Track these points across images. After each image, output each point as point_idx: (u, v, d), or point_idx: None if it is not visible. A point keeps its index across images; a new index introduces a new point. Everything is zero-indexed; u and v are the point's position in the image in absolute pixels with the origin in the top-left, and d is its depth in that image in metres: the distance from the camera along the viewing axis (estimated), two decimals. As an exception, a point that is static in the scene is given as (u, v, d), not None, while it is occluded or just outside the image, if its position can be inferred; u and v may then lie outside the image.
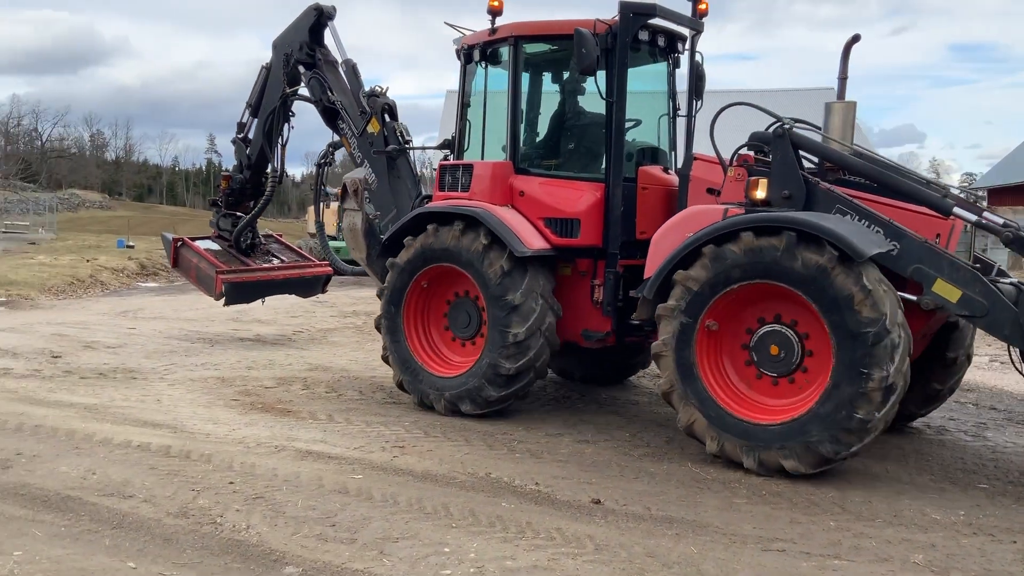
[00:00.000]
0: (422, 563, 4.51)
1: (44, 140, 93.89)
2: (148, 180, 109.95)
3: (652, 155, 8.37)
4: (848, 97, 7.35)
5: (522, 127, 8.26)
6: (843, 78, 7.46)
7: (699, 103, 8.46)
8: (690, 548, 4.84)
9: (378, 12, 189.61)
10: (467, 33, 8.56)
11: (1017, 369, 6.68)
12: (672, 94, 8.56)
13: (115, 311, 16.09)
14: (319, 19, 10.16)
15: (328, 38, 10.30)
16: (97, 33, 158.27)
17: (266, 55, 11.00)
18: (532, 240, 7.64)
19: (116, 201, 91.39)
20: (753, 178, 6.94)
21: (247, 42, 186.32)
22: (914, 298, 6.24)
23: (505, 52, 8.12)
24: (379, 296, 8.43)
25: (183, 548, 4.62)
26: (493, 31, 8.15)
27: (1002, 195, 37.82)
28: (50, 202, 60.91)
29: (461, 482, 5.94)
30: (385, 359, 8.43)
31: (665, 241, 6.93)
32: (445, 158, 8.79)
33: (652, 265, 6.95)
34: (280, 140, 11.21)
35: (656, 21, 7.86)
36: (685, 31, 8.31)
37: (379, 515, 5.19)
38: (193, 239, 12.30)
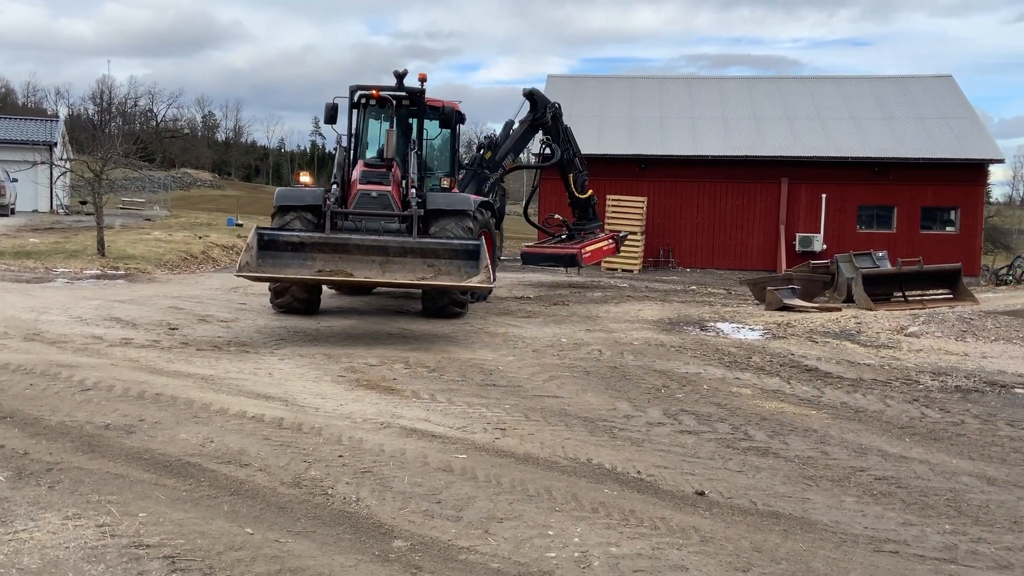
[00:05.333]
0: (526, 544, 4.55)
1: (159, 121, 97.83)
2: (256, 161, 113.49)
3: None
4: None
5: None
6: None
7: (432, 134, 14.86)
8: (799, 545, 4.75)
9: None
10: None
11: None
12: (416, 132, 14.48)
13: (226, 287, 16.69)
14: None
15: None
16: (212, 17, 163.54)
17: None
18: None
19: (225, 180, 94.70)
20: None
21: (353, 28, 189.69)
22: None
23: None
24: None
25: (297, 517, 4.78)
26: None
27: None
28: (164, 180, 63.52)
29: (563, 467, 5.96)
30: None
31: None
32: None
33: None
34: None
35: (366, 92, 14.17)
36: (400, 93, 14.19)
37: (483, 495, 5.25)
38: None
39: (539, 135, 19.38)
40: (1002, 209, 68.75)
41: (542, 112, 18.86)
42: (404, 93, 14.30)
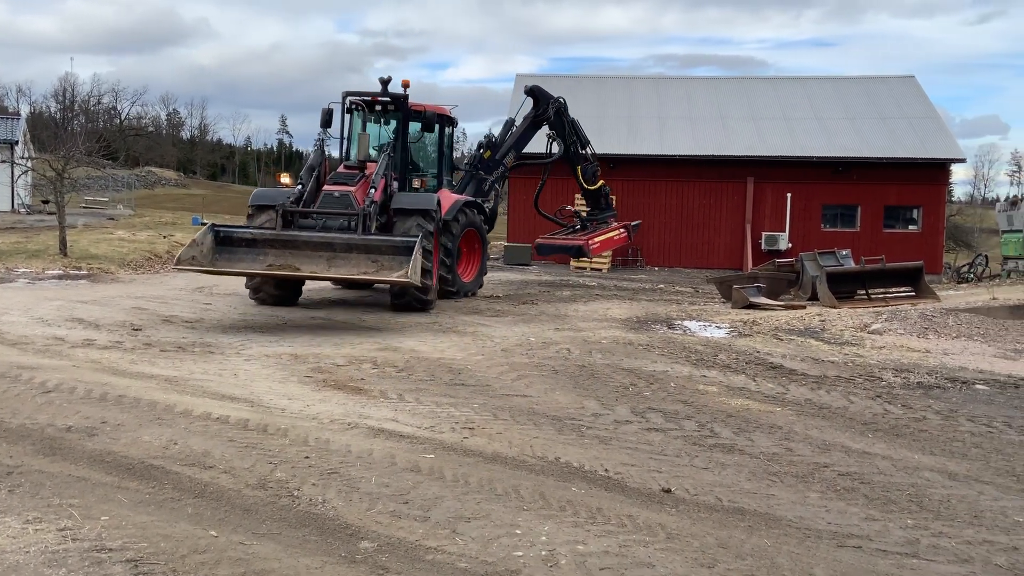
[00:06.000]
0: (494, 544, 4.55)
1: (123, 119, 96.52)
2: (221, 159, 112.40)
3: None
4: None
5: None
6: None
7: (414, 137, 15.99)
8: (763, 541, 4.80)
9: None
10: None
11: None
12: (399, 134, 15.38)
13: (191, 287, 16.52)
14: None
15: None
16: (178, 15, 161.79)
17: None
18: None
19: (190, 179, 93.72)
20: None
21: (322, 25, 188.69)
22: None
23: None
24: None
25: (262, 519, 4.74)
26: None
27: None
28: (128, 179, 62.69)
29: (531, 465, 5.97)
30: None
31: None
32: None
33: None
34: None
35: (358, 98, 15.43)
36: (385, 98, 15.40)
37: (451, 495, 5.25)
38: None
39: (545, 130, 19.35)
40: (964, 208, 69.98)
41: (544, 108, 18.88)
42: (388, 98, 15.42)
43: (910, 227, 31.25)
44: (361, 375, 8.73)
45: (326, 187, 14.04)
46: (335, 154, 16.17)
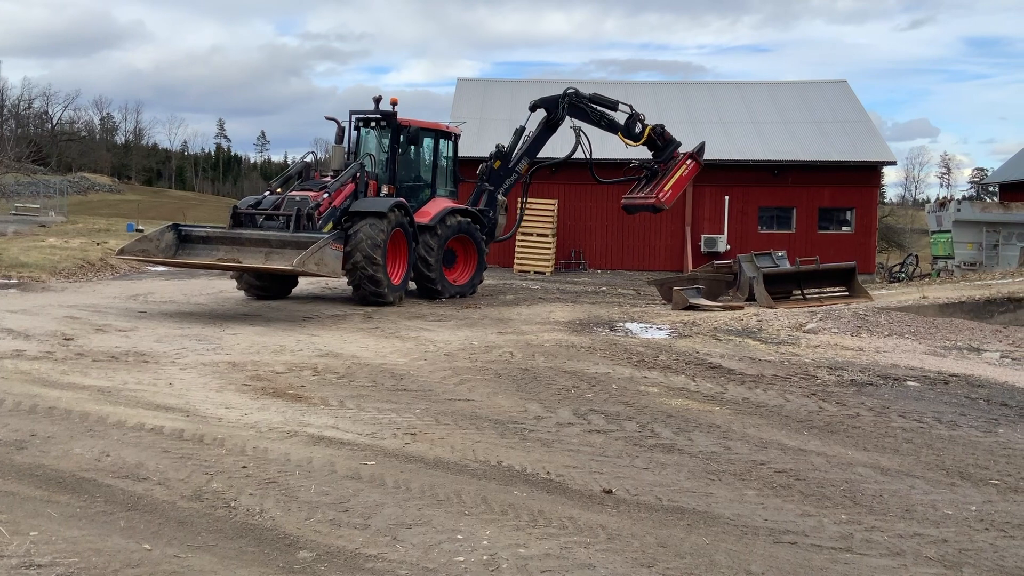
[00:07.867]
0: (435, 549, 4.53)
1: (54, 123, 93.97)
2: (157, 164, 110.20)
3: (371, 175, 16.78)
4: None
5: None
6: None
7: (403, 149, 17.34)
8: (702, 539, 4.86)
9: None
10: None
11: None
12: (391, 148, 17.21)
13: (126, 295, 16.16)
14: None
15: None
16: (112, 17, 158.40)
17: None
18: None
19: (125, 185, 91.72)
20: None
21: (261, 28, 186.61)
22: None
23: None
24: None
25: (198, 531, 4.65)
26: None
27: (1014, 191, 37.63)
28: (60, 185, 61.04)
29: (473, 470, 5.96)
30: None
31: None
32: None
33: None
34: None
35: (363, 116, 17.45)
36: (377, 115, 17.24)
37: (392, 501, 5.21)
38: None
39: (570, 123, 19.08)
40: (895, 209, 71.68)
41: (554, 112, 18.86)
42: (379, 115, 17.33)
43: (844, 228, 31.96)
44: (301, 382, 8.63)
45: (291, 192, 15.51)
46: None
